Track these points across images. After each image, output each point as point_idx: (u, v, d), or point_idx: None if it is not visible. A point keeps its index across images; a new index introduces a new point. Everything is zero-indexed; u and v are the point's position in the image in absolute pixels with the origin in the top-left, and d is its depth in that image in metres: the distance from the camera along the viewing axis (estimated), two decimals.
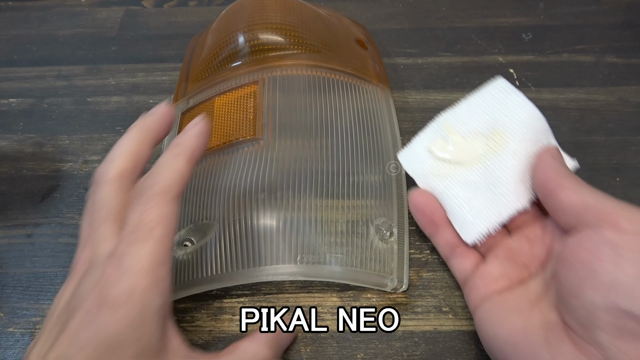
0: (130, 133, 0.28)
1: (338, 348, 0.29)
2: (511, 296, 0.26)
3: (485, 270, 0.28)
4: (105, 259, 0.23)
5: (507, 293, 0.27)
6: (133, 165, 0.27)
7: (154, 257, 0.23)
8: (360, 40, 0.43)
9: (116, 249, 0.23)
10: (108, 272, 0.22)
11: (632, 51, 0.45)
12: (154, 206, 0.24)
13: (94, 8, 0.53)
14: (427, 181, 0.30)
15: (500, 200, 0.28)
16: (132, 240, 0.23)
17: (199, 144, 0.27)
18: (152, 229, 0.23)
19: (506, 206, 0.28)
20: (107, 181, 0.26)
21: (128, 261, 0.22)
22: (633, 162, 0.38)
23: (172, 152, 0.26)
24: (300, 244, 0.30)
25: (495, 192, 0.28)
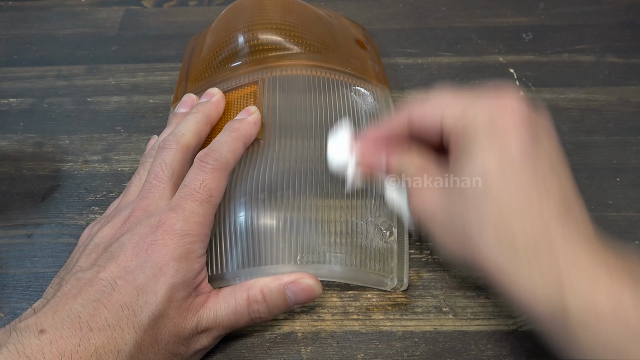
0: (195, 115, 0.32)
1: (338, 348, 0.29)
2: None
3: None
4: (164, 209, 0.27)
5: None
6: (197, 142, 0.31)
7: (207, 218, 0.28)
8: (359, 40, 0.43)
9: (177, 204, 0.27)
10: (165, 217, 0.27)
11: (632, 51, 0.45)
12: (215, 177, 0.28)
13: (94, 8, 0.53)
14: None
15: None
16: (193, 199, 0.27)
17: (253, 132, 0.32)
18: (211, 195, 0.28)
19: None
20: (176, 149, 0.30)
21: (188, 212, 0.27)
22: (633, 162, 0.37)
23: (232, 135, 0.31)
24: (300, 243, 0.30)
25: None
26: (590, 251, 0.22)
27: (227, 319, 0.27)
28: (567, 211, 0.23)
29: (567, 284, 0.21)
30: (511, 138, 0.24)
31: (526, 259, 0.22)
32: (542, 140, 0.25)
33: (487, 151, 0.24)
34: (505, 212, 0.23)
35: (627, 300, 0.20)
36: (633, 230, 0.34)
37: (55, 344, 0.22)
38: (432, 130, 0.27)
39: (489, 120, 0.24)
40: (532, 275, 0.22)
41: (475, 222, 0.24)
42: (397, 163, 0.28)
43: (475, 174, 0.24)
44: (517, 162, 0.23)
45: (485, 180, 0.24)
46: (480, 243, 0.24)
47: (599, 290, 0.21)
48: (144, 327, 0.24)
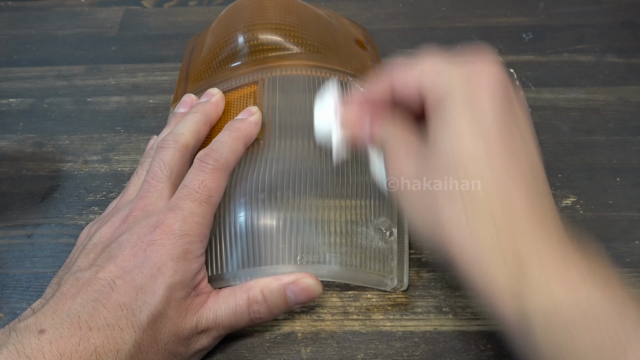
0: (194, 115, 0.32)
1: (338, 348, 0.29)
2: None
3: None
4: (162, 209, 0.27)
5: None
6: (196, 142, 0.31)
7: (206, 218, 0.28)
8: (359, 40, 0.43)
9: (176, 204, 0.27)
10: (164, 217, 0.27)
11: (632, 51, 0.45)
12: (215, 178, 0.28)
13: (94, 8, 0.53)
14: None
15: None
16: (192, 199, 0.27)
17: (254, 132, 0.32)
18: (210, 196, 0.28)
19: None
20: (174, 148, 0.30)
21: (187, 212, 0.27)
22: (633, 162, 0.37)
23: (233, 135, 0.30)
24: (300, 243, 0.30)
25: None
26: (552, 239, 0.22)
27: (227, 319, 0.27)
28: (536, 197, 0.23)
29: (527, 265, 0.21)
30: (485, 103, 0.23)
31: (489, 244, 0.22)
32: (516, 111, 0.24)
33: (461, 116, 0.23)
34: (474, 180, 0.22)
35: (578, 282, 0.20)
36: (633, 230, 0.34)
37: (54, 344, 0.22)
38: (413, 96, 0.26)
39: (465, 85, 0.24)
40: (492, 253, 0.22)
41: (445, 192, 0.23)
42: (380, 132, 0.27)
43: (449, 139, 0.23)
44: (490, 129, 0.23)
45: (458, 148, 0.23)
46: (448, 223, 0.23)
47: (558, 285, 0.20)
48: (143, 326, 0.24)
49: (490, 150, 0.23)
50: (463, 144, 0.23)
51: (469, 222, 0.22)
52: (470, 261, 0.22)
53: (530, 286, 0.21)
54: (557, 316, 0.20)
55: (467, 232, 0.22)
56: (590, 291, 0.20)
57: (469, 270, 0.22)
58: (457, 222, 0.23)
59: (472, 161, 0.23)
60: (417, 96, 0.26)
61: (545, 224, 0.22)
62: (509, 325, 0.22)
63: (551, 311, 0.20)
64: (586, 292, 0.20)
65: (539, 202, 0.23)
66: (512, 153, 0.23)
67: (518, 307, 0.21)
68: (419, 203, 0.25)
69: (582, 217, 0.35)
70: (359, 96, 0.28)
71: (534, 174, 0.23)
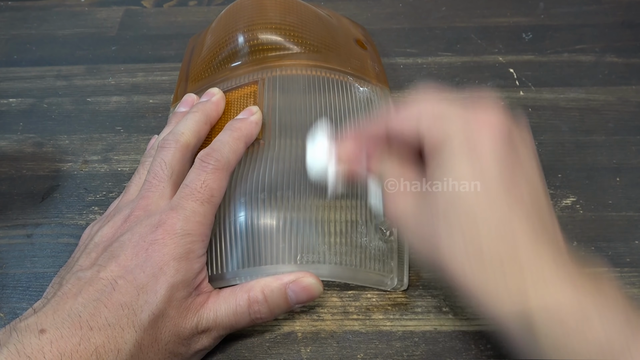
0: (194, 114, 0.32)
1: (338, 348, 0.29)
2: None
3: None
4: (164, 208, 0.27)
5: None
6: (196, 141, 0.31)
7: (207, 218, 0.28)
8: (359, 40, 0.43)
9: (178, 203, 0.27)
10: (166, 216, 0.27)
11: (632, 51, 0.45)
12: (217, 178, 0.28)
13: (93, 8, 0.53)
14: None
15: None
16: (194, 198, 0.27)
17: (254, 132, 0.32)
18: (212, 195, 0.28)
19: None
20: (175, 148, 0.30)
21: (189, 212, 0.27)
22: (633, 162, 0.37)
23: (234, 134, 0.31)
24: (300, 243, 0.30)
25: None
26: (558, 268, 0.22)
27: (228, 319, 0.27)
28: (540, 229, 0.23)
29: (533, 299, 0.21)
30: (487, 152, 0.23)
31: (492, 273, 0.22)
32: (520, 154, 0.24)
33: (461, 163, 0.23)
34: (474, 225, 0.23)
35: (591, 311, 0.20)
36: (633, 230, 0.34)
37: (55, 344, 0.22)
38: (410, 139, 0.26)
39: (465, 133, 0.24)
40: (497, 290, 0.22)
41: (445, 231, 0.23)
42: (377, 166, 0.28)
43: (449, 185, 0.23)
44: (491, 175, 0.23)
45: (459, 194, 0.23)
46: (447, 252, 0.23)
47: (564, 302, 0.21)
48: (144, 326, 0.24)
49: (492, 195, 0.23)
50: (464, 191, 0.23)
51: (470, 260, 0.23)
52: (471, 289, 0.23)
53: (534, 310, 0.21)
54: (562, 329, 0.20)
55: (469, 268, 0.23)
56: (606, 325, 0.20)
57: (470, 296, 0.23)
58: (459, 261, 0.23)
59: (473, 208, 0.23)
60: (414, 139, 0.26)
61: (548, 253, 0.22)
62: (515, 338, 0.22)
63: (557, 325, 0.20)
64: (603, 327, 0.20)
65: (543, 234, 0.23)
66: (515, 192, 0.23)
67: (523, 323, 0.21)
68: (418, 236, 0.25)
69: (582, 217, 0.35)
70: (355, 131, 0.28)
71: (537, 210, 0.23)
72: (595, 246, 0.33)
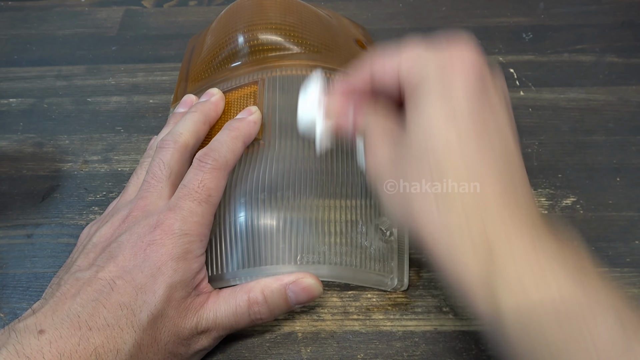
0: (193, 114, 0.32)
1: (338, 348, 0.29)
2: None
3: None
4: (162, 208, 0.27)
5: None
6: (195, 142, 0.31)
7: (205, 217, 0.28)
8: (359, 40, 0.43)
9: (176, 204, 0.27)
10: (164, 217, 0.27)
11: (632, 51, 0.45)
12: (214, 177, 0.28)
13: (94, 8, 0.53)
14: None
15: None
16: (192, 198, 0.27)
17: (253, 131, 0.32)
18: (210, 195, 0.28)
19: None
20: (174, 148, 0.30)
21: (186, 212, 0.27)
22: (633, 162, 0.37)
23: (232, 134, 0.30)
24: (300, 243, 0.30)
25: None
26: (522, 224, 0.21)
27: (227, 320, 0.27)
28: (508, 181, 0.22)
29: (497, 256, 0.21)
30: (459, 93, 0.23)
31: (458, 227, 0.22)
32: (491, 96, 0.24)
33: (433, 102, 0.23)
34: (444, 165, 0.22)
35: (551, 279, 0.20)
36: (633, 230, 0.34)
37: (54, 344, 0.22)
38: (393, 84, 0.26)
39: (439, 71, 0.23)
40: (462, 241, 0.21)
41: (416, 177, 0.23)
42: (363, 122, 0.27)
43: (422, 125, 0.23)
44: (462, 115, 0.23)
45: (430, 134, 0.23)
46: (418, 202, 0.23)
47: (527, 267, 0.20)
48: (143, 326, 0.24)
49: (462, 136, 0.22)
50: (435, 131, 0.23)
51: (439, 211, 0.22)
52: (442, 251, 0.22)
53: (501, 277, 0.20)
54: (528, 310, 0.20)
55: (438, 221, 0.22)
56: (561, 281, 0.20)
57: (442, 260, 0.22)
58: (428, 212, 0.22)
59: (443, 148, 0.22)
60: (397, 84, 0.26)
61: (517, 210, 0.22)
62: (483, 319, 0.21)
63: (522, 305, 0.20)
64: (557, 282, 0.20)
65: (512, 189, 0.22)
66: (485, 139, 0.23)
67: (489, 300, 0.21)
68: (394, 196, 0.24)
69: (582, 217, 0.35)
70: (342, 86, 0.28)
71: (507, 161, 0.23)
72: (595, 246, 0.33)
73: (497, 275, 0.20)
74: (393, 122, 0.26)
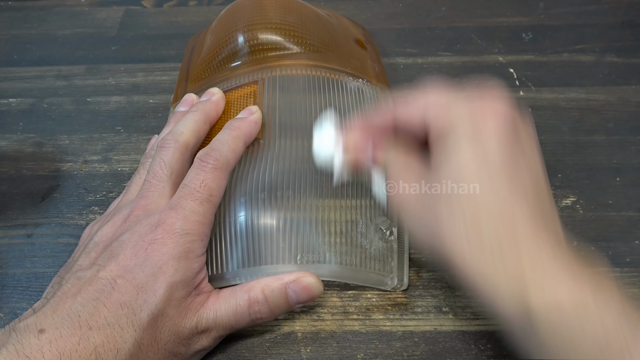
0: (194, 114, 0.32)
1: (338, 348, 0.29)
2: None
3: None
4: (163, 208, 0.27)
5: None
6: (195, 141, 0.31)
7: (206, 217, 0.28)
8: (359, 40, 0.43)
9: (177, 203, 0.27)
10: (165, 216, 0.27)
11: (632, 51, 0.45)
12: (216, 177, 0.28)
13: (94, 8, 0.53)
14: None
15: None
16: (193, 198, 0.27)
17: (254, 131, 0.32)
18: (211, 195, 0.28)
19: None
20: (175, 148, 0.30)
21: (188, 211, 0.27)
22: (633, 162, 0.37)
23: (233, 134, 0.30)
24: (300, 243, 0.30)
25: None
26: (556, 256, 0.22)
27: (227, 319, 0.27)
28: (540, 217, 0.23)
29: (531, 283, 0.21)
30: (491, 139, 0.24)
31: (491, 258, 0.22)
32: (524, 144, 0.25)
33: (465, 151, 0.24)
34: (475, 210, 0.23)
35: (589, 301, 0.21)
36: (633, 230, 0.34)
37: (54, 343, 0.22)
38: (417, 129, 0.26)
39: (470, 122, 0.24)
40: (496, 274, 0.22)
41: (446, 217, 0.24)
42: (383, 157, 0.28)
43: (452, 172, 0.24)
44: (495, 162, 0.23)
45: (461, 176, 0.23)
46: (448, 236, 0.23)
47: (562, 291, 0.21)
48: (143, 325, 0.24)
49: (493, 178, 0.23)
50: (466, 173, 0.23)
51: (470, 242, 0.23)
52: (470, 272, 0.23)
53: (532, 293, 0.21)
54: (559, 314, 0.20)
55: (468, 250, 0.23)
56: (589, 297, 0.21)
57: (469, 281, 0.23)
58: (459, 243, 0.23)
59: (475, 192, 0.23)
60: (421, 129, 0.26)
61: (548, 239, 0.22)
62: (513, 327, 0.22)
63: (554, 309, 0.21)
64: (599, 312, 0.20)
65: (542, 222, 0.23)
66: (517, 180, 0.23)
67: (520, 307, 0.21)
68: (420, 223, 0.25)
69: (582, 217, 0.35)
70: (362, 122, 0.28)
71: (538, 198, 0.24)
72: (595, 246, 0.33)
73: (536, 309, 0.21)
74: (415, 158, 0.27)
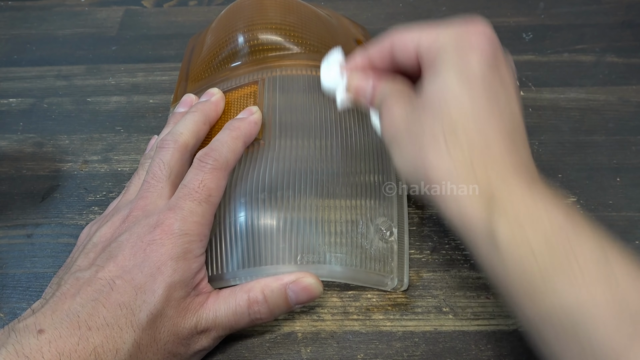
0: (193, 114, 0.32)
1: (338, 348, 0.29)
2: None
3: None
4: (162, 208, 0.27)
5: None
6: (195, 142, 0.32)
7: (205, 217, 0.28)
8: (359, 40, 0.43)
9: (175, 204, 0.27)
10: (164, 217, 0.27)
11: (632, 51, 0.45)
12: (215, 177, 0.28)
13: (94, 8, 0.53)
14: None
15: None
16: (192, 198, 0.27)
17: (253, 131, 0.32)
18: (210, 195, 0.28)
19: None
20: (174, 148, 0.30)
21: (186, 212, 0.27)
22: (633, 162, 0.37)
23: (232, 134, 0.31)
24: (300, 243, 0.30)
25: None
26: (520, 175, 0.24)
27: (227, 319, 0.27)
28: (511, 145, 0.24)
29: (497, 194, 0.23)
30: (475, 54, 0.25)
31: (464, 170, 0.24)
32: (502, 70, 0.26)
33: (450, 66, 0.25)
34: (455, 118, 0.24)
35: (541, 211, 0.22)
36: (633, 230, 0.34)
37: (54, 344, 0.22)
38: (411, 59, 0.28)
39: (457, 40, 0.26)
40: (467, 183, 0.23)
41: (429, 130, 0.25)
42: (382, 87, 0.29)
43: (437, 90, 0.25)
44: (476, 76, 0.25)
45: (444, 92, 0.25)
46: (430, 149, 0.25)
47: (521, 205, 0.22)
48: (142, 326, 0.24)
49: (474, 97, 0.24)
50: (450, 94, 0.25)
51: (449, 149, 0.24)
52: (447, 191, 0.24)
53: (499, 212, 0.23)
54: (522, 238, 0.22)
55: (447, 157, 0.24)
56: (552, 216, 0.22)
57: (446, 200, 0.24)
58: (438, 151, 0.24)
59: (456, 110, 0.24)
60: (415, 61, 0.28)
61: (517, 164, 0.24)
62: (481, 251, 0.23)
63: (517, 235, 0.22)
64: (549, 217, 0.22)
65: (514, 149, 0.24)
66: (495, 103, 0.25)
67: (488, 232, 0.23)
68: (406, 143, 0.26)
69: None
70: (363, 60, 0.30)
71: (513, 125, 0.25)
72: None
73: (496, 211, 0.23)
74: (409, 89, 0.28)
